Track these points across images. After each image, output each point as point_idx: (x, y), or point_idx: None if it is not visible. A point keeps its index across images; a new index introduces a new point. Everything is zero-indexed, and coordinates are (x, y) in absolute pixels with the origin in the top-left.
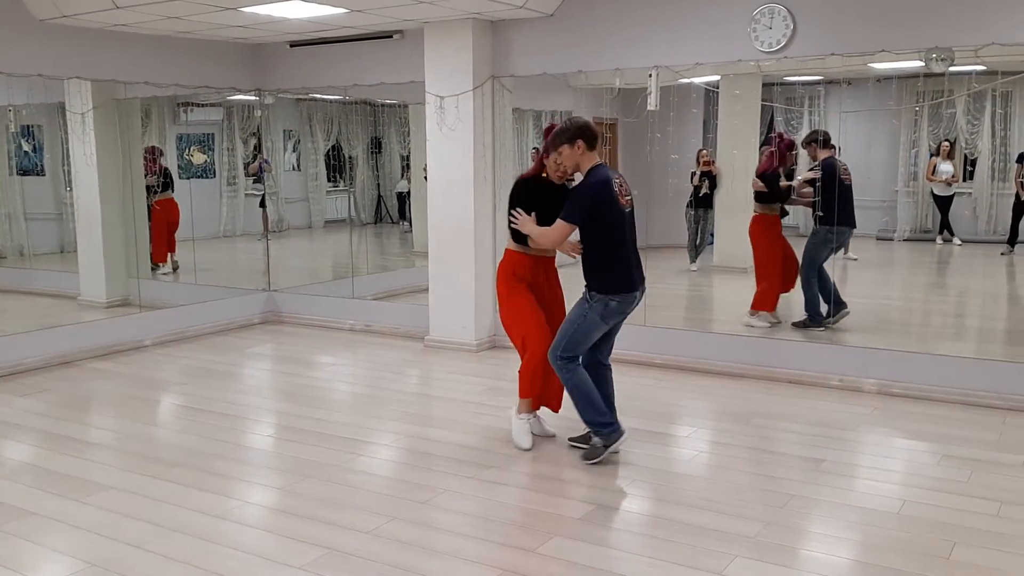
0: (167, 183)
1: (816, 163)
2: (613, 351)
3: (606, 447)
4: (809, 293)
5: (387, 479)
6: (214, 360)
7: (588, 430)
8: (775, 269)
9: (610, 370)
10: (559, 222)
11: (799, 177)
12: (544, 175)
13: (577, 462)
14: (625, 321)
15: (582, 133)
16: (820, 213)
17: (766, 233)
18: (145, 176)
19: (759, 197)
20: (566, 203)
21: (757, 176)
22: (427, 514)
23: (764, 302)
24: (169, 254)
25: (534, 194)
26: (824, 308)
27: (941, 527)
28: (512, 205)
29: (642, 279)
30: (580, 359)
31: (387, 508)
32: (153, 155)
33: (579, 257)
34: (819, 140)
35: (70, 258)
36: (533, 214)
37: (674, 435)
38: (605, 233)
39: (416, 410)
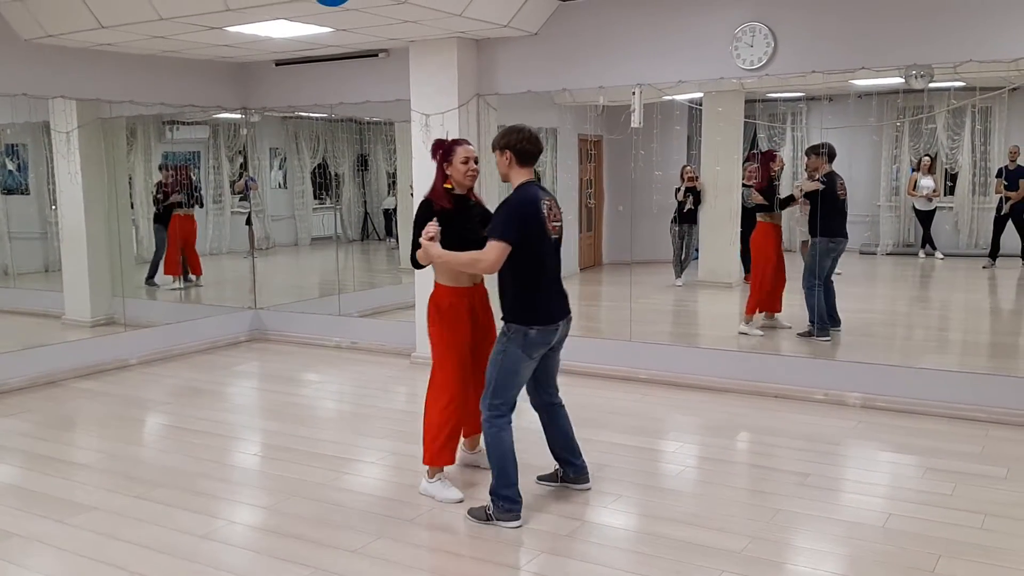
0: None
1: (818, 175)
2: (599, 366)
3: (493, 520)
4: (811, 302)
5: (374, 497)
6: (199, 379)
7: (556, 468)
8: (769, 275)
9: (563, 408)
10: (492, 242)
11: (799, 184)
12: (449, 186)
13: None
14: (611, 336)
15: (511, 145)
16: (804, 228)
17: (767, 241)
18: (179, 191)
19: (762, 207)
20: (493, 220)
21: (757, 190)
22: (414, 532)
23: (756, 305)
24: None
25: (443, 218)
26: (809, 324)
27: (926, 540)
28: (417, 229)
29: (566, 312)
30: (513, 412)
31: (374, 526)
32: (178, 170)
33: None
34: (823, 153)
35: (55, 277)
36: (433, 237)
37: (660, 450)
38: (526, 257)
39: (403, 427)
